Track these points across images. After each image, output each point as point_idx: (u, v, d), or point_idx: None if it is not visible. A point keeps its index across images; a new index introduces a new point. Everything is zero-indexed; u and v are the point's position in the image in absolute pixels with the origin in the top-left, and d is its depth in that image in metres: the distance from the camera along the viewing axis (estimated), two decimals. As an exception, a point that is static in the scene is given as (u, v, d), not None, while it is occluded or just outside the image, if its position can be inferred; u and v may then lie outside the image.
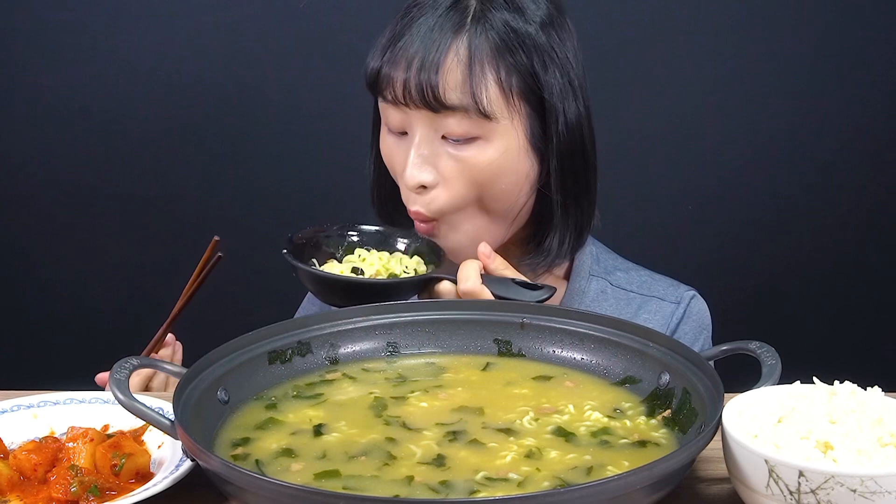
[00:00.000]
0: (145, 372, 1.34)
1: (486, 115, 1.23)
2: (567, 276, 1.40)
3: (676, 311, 1.38)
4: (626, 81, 1.89)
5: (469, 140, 1.25)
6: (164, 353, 1.40)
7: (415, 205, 1.28)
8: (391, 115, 1.27)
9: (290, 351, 1.09)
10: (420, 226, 1.29)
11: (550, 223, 1.31)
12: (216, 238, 1.33)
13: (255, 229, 2.04)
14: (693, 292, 1.40)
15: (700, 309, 1.40)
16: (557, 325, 1.11)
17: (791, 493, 0.80)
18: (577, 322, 1.10)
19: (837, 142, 2.03)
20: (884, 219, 2.05)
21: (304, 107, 2.04)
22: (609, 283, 1.39)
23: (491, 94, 1.23)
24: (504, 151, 1.26)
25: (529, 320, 1.12)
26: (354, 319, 1.13)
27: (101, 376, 1.35)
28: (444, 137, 1.25)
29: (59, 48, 2.01)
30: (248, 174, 2.06)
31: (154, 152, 2.06)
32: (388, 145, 1.31)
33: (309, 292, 1.46)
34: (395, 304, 1.15)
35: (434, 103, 1.22)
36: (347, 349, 1.12)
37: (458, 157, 1.25)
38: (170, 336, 1.40)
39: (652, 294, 1.39)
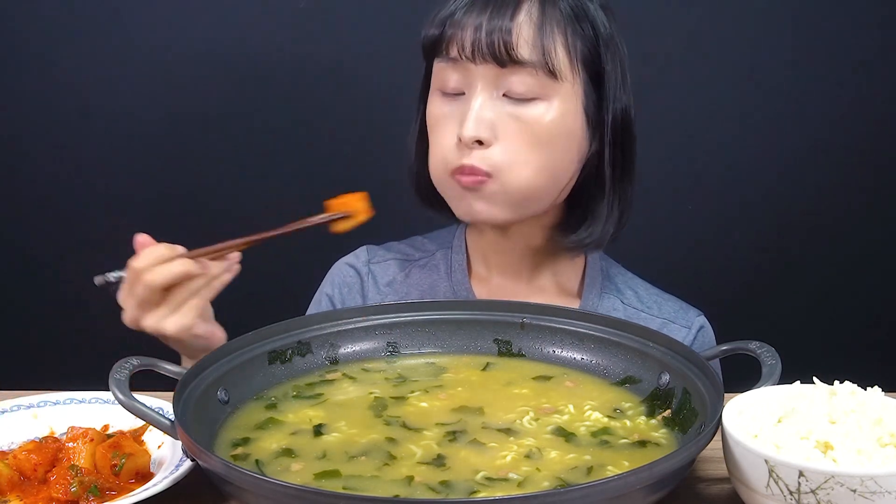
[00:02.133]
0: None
1: (553, 74, 1.24)
2: (580, 294, 1.41)
3: (688, 335, 1.39)
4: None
5: (531, 99, 1.25)
6: (215, 268, 1.23)
7: (469, 159, 1.25)
8: (449, 75, 1.27)
9: (290, 351, 1.09)
10: (465, 179, 1.26)
11: (599, 196, 1.31)
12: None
13: (256, 230, 2.04)
14: (702, 317, 1.42)
15: (710, 334, 1.42)
16: (557, 325, 1.11)
17: (791, 493, 0.80)
18: (577, 322, 1.10)
19: (840, 142, 2.02)
20: (885, 219, 2.05)
21: (307, 103, 2.03)
22: (621, 302, 1.41)
23: (559, 53, 1.24)
24: (564, 114, 1.26)
25: (529, 320, 1.12)
26: (354, 319, 1.13)
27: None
28: (504, 96, 1.25)
29: (67, 45, 2.01)
30: (248, 176, 2.06)
31: (155, 154, 2.06)
32: (439, 108, 1.29)
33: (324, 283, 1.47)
34: (395, 304, 1.16)
35: (504, 57, 1.22)
36: (347, 349, 1.12)
37: (519, 116, 1.25)
38: (236, 255, 1.26)
39: (663, 316, 1.40)
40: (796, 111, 2.01)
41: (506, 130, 1.24)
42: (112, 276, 1.25)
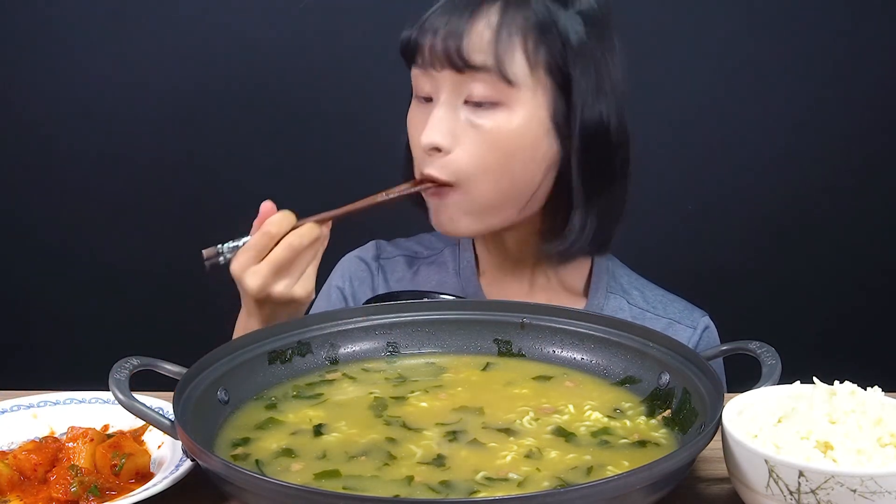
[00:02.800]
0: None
1: (507, 80, 1.23)
2: (586, 293, 1.41)
3: (693, 336, 1.39)
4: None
5: (490, 106, 1.24)
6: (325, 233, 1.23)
7: (428, 167, 1.26)
8: (421, 81, 1.28)
9: (290, 351, 1.09)
10: (429, 193, 1.27)
11: (572, 205, 1.30)
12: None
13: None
14: (706, 317, 1.42)
15: (714, 334, 1.42)
16: (557, 325, 1.11)
17: (791, 493, 0.80)
18: (577, 322, 1.10)
19: (840, 142, 2.02)
20: (885, 219, 2.05)
21: (308, 101, 2.03)
22: (626, 302, 1.41)
23: (516, 59, 1.23)
24: (525, 122, 1.25)
25: (529, 320, 1.12)
26: (354, 319, 1.13)
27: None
28: (466, 103, 1.25)
29: (71, 45, 2.01)
30: (248, 177, 2.06)
31: (155, 156, 2.06)
32: (414, 114, 1.31)
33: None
34: (395, 304, 1.16)
35: (458, 61, 1.22)
36: (347, 349, 1.12)
37: (478, 123, 1.25)
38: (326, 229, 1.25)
39: (668, 316, 1.40)
40: (798, 112, 2.01)
41: (466, 138, 1.25)
42: (227, 247, 1.20)
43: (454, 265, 1.42)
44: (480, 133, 1.24)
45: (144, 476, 0.96)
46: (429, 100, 1.28)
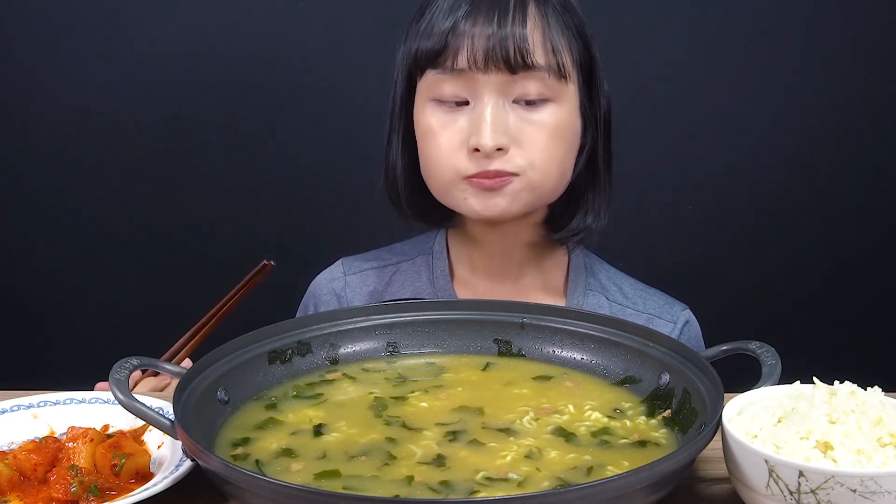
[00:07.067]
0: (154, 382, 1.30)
1: (563, 76, 1.25)
2: (564, 293, 1.40)
3: (673, 330, 1.39)
4: (624, 80, 1.89)
5: (541, 102, 1.25)
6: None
7: (492, 165, 1.24)
8: (445, 85, 1.26)
9: (290, 351, 1.09)
10: (488, 182, 1.25)
11: (592, 188, 1.34)
12: (269, 263, 1.33)
13: (256, 230, 2.04)
14: (687, 311, 1.42)
15: (696, 328, 1.42)
16: (557, 325, 1.11)
17: (791, 493, 0.80)
18: (577, 322, 1.10)
19: (839, 142, 2.03)
20: (884, 219, 2.05)
21: (301, 104, 2.03)
22: (606, 299, 1.40)
23: (565, 55, 1.25)
24: (569, 114, 1.28)
25: (529, 320, 1.12)
26: (354, 319, 1.13)
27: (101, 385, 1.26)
28: (514, 102, 1.25)
29: (60, 47, 2.01)
30: (248, 176, 2.06)
31: (156, 154, 2.06)
32: (437, 118, 1.27)
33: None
34: (395, 304, 1.16)
35: (519, 64, 1.22)
36: (347, 349, 1.12)
37: (531, 120, 1.25)
38: (187, 361, 1.32)
39: (648, 311, 1.40)
40: (796, 111, 2.02)
41: (521, 135, 1.25)
42: None
43: (428, 274, 1.41)
44: (535, 128, 1.25)
45: (144, 476, 0.96)
46: (460, 103, 1.26)
